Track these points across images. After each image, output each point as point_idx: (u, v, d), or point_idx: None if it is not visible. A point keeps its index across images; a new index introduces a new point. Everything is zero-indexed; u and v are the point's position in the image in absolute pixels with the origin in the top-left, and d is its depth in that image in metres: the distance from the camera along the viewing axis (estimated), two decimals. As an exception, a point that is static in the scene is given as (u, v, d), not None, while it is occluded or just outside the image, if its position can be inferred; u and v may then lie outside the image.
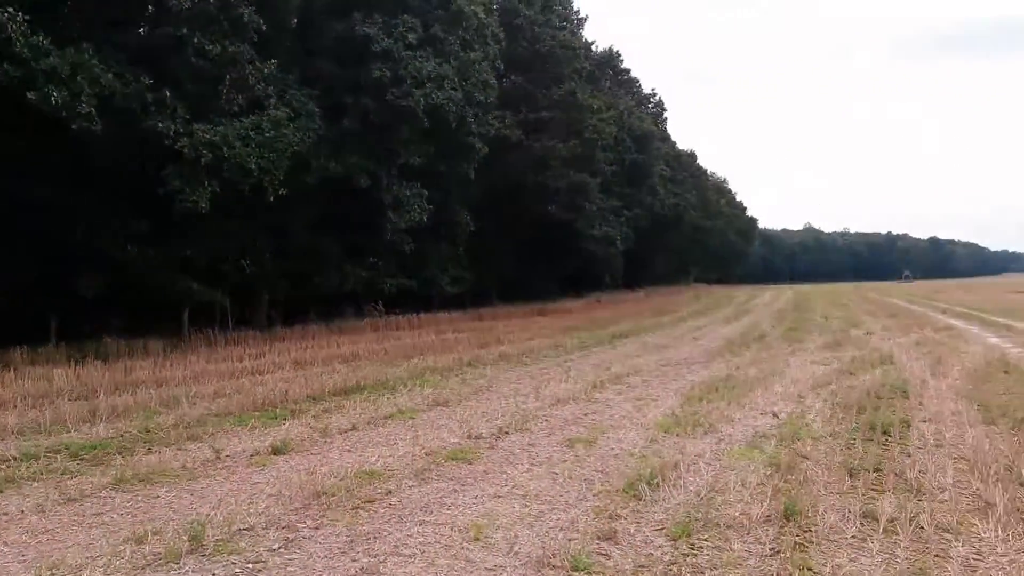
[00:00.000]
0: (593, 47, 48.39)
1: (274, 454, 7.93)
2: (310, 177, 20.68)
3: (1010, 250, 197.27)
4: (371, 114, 22.23)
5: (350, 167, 21.89)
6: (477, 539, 5.38)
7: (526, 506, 6.09)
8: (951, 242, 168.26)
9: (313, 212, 22.75)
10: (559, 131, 35.23)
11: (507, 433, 8.78)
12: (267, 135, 17.13)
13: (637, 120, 50.60)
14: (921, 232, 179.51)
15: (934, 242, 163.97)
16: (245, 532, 5.56)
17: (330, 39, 22.61)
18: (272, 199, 17.79)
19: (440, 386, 12.45)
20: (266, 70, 17.82)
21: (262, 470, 7.37)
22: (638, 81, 60.44)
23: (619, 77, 54.83)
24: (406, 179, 24.48)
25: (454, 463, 7.47)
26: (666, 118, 66.03)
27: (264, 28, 17.72)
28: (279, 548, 5.27)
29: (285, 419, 9.79)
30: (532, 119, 34.07)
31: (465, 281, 32.10)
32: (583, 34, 43.22)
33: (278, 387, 11.68)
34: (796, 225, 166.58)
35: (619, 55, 54.66)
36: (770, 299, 48.79)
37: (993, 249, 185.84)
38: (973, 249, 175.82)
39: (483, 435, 8.63)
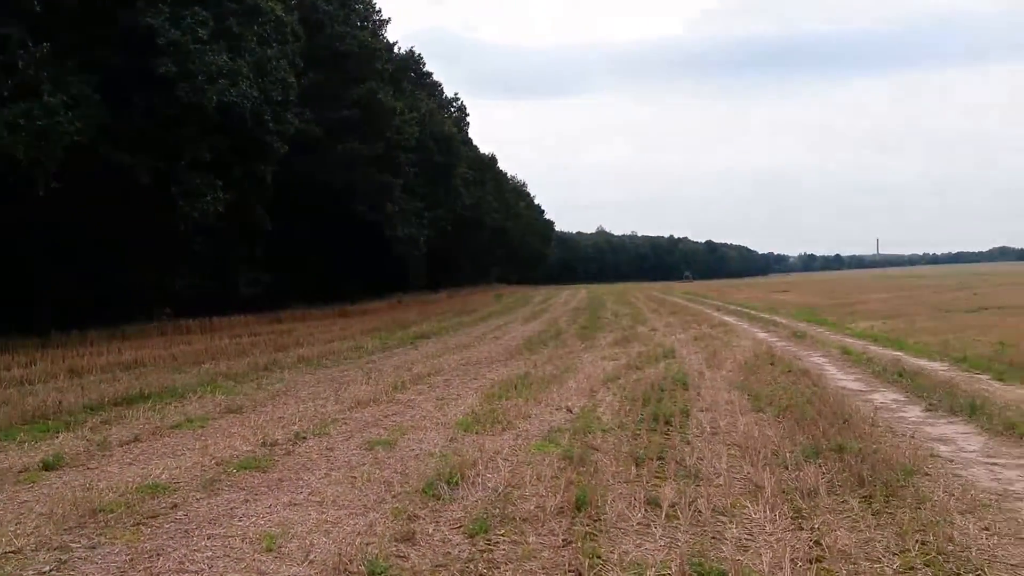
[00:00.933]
0: (396, 48, 48.15)
1: (45, 470, 7.18)
2: (91, 170, 18.89)
3: (775, 252, 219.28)
4: (159, 108, 20.64)
5: (137, 161, 20.21)
6: (270, 550, 5.11)
7: (323, 513, 5.88)
8: (724, 245, 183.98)
9: (96, 207, 20.79)
10: (362, 131, 34.66)
11: (304, 438, 8.46)
12: (39, 123, 15.46)
13: (439, 123, 50.88)
14: (699, 236, 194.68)
15: (710, 245, 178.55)
16: (12, 555, 4.98)
17: (115, 27, 20.73)
18: (42, 193, 16.08)
19: (233, 392, 11.80)
20: (38, 54, 16.07)
21: (31, 487, 6.64)
22: (440, 85, 60.84)
23: (421, 80, 54.83)
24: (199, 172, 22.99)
25: (246, 472, 7.08)
26: (468, 122, 66.95)
27: (38, 9, 15.96)
28: (50, 571, 4.76)
29: (59, 432, 8.87)
30: (334, 119, 33.26)
31: (263, 283, 30.74)
32: (385, 35, 42.91)
33: (51, 397, 10.58)
34: (590, 228, 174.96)
35: (420, 58, 54.72)
36: (566, 298, 50.89)
37: (760, 252, 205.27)
38: (743, 251, 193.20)
39: (279, 441, 8.25)
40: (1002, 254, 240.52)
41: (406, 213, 40.58)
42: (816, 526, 5.26)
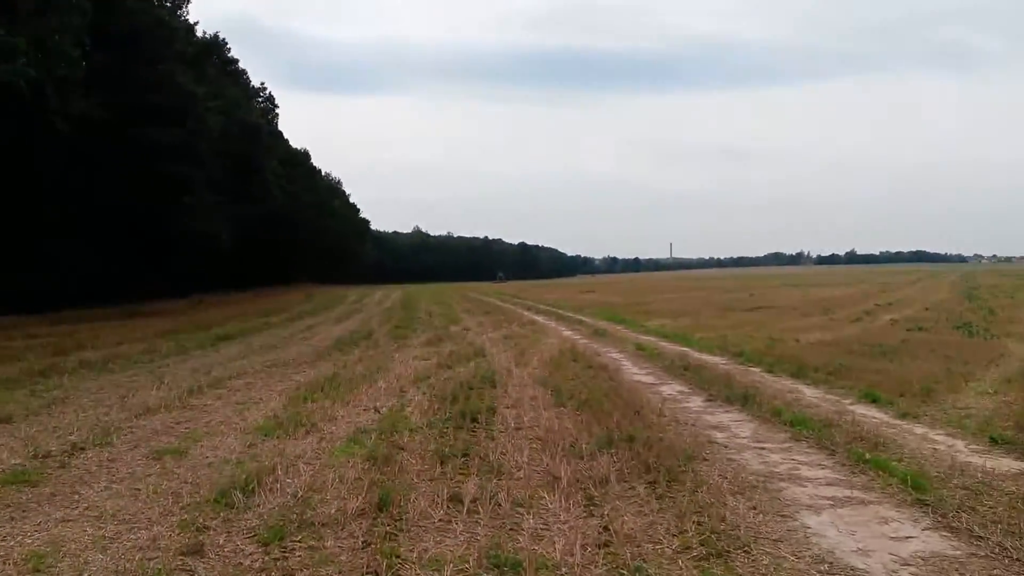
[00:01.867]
0: (199, 31, 45.47)
1: None
2: None
3: (582, 255, 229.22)
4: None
5: None
6: (38, 570, 4.68)
7: (100, 528, 5.44)
8: (536, 247, 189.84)
9: None
10: (160, 117, 32.38)
11: (83, 449, 7.78)
12: None
13: (247, 113, 48.68)
14: (512, 238, 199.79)
15: (523, 246, 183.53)
16: None
17: None
18: None
19: (2, 400, 10.63)
20: None
21: None
22: (246, 73, 58.20)
23: (227, 67, 52.17)
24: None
25: (13, 487, 6.42)
26: (278, 113, 64.59)
27: None
28: None
29: None
30: (129, 103, 30.83)
31: (41, 281, 27.94)
32: (187, 14, 40.41)
33: None
34: (407, 228, 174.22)
35: (226, 43, 52.08)
36: (381, 298, 50.37)
37: (569, 254, 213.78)
38: (554, 254, 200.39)
39: (53, 453, 7.54)
40: (775, 258, 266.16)
41: (208, 207, 38.45)
42: (606, 512, 5.57)
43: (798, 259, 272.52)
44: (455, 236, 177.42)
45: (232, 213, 42.40)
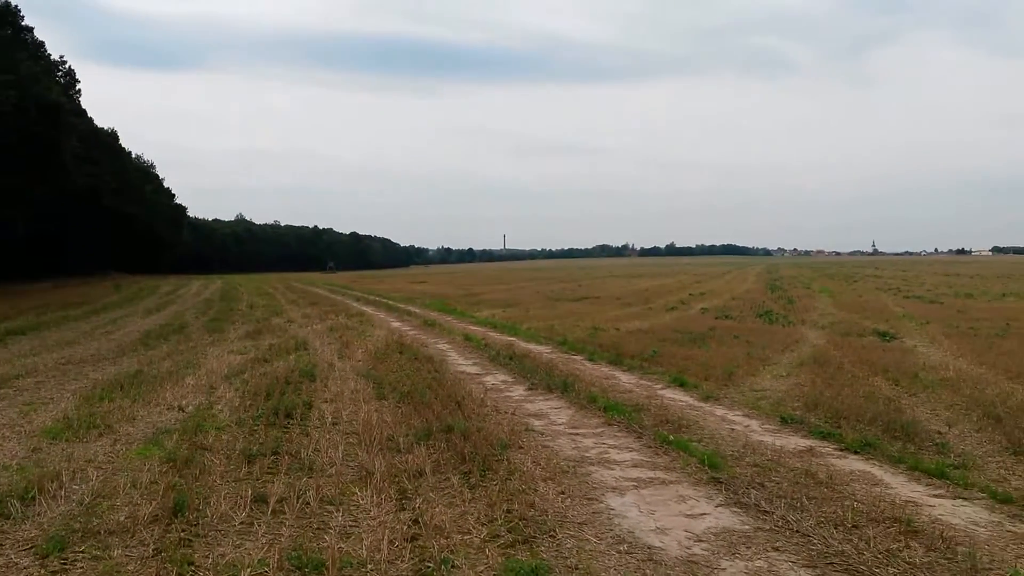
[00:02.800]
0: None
1: None
2: None
3: (415, 245, 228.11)
4: None
5: None
6: None
7: None
8: (369, 237, 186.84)
9: None
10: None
11: None
12: None
13: (44, 89, 44.39)
14: (344, 227, 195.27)
15: (355, 236, 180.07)
16: None
17: None
18: None
19: None
20: None
21: None
22: (44, 45, 53.06)
23: (19, 36, 47.32)
24: None
25: None
26: (80, 90, 59.40)
27: None
28: None
29: None
30: None
31: None
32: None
33: None
34: (229, 216, 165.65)
35: (19, 10, 47.22)
36: (198, 289, 47.66)
37: (402, 244, 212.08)
38: (387, 244, 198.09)
39: None
40: (603, 250, 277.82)
41: (-2, 190, 34.78)
42: (417, 505, 5.49)
43: (623, 251, 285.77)
44: (283, 225, 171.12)
45: (26, 198, 38.55)
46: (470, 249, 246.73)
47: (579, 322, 20.61)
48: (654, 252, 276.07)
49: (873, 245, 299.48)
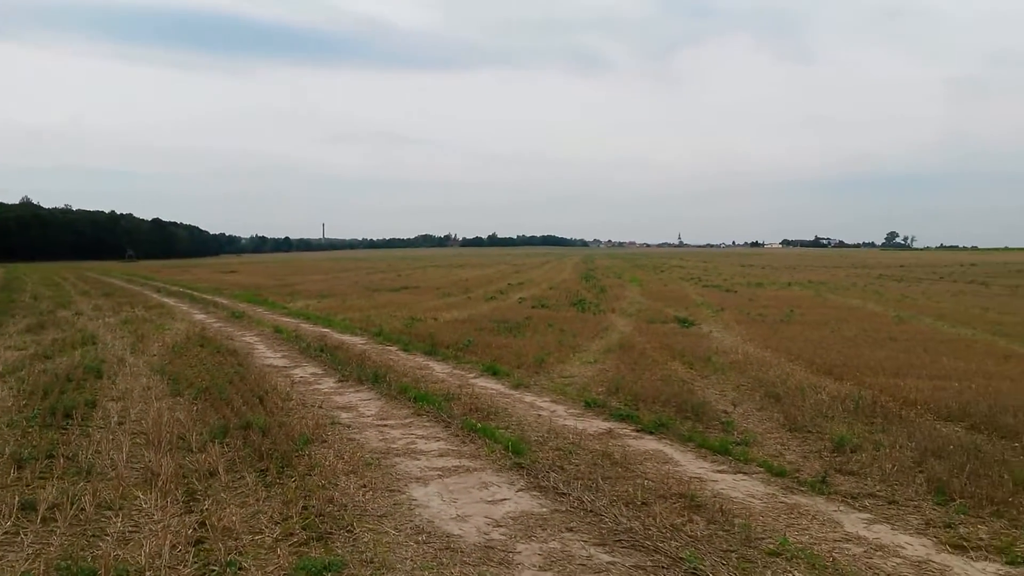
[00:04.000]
0: None
1: None
2: None
3: (227, 234, 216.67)
4: None
5: None
6: None
7: None
8: (174, 224, 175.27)
9: None
10: None
11: None
12: None
13: None
14: (145, 213, 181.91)
15: (157, 223, 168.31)
16: None
17: None
18: None
19: None
20: None
21: None
22: None
23: None
24: None
25: None
26: None
27: None
28: None
29: None
30: None
31: None
32: None
33: None
34: (12, 199, 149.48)
35: None
36: (-27, 280, 42.73)
37: (212, 232, 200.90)
38: (194, 231, 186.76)
39: None
40: (426, 240, 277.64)
41: None
42: (206, 507, 5.17)
43: (446, 241, 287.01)
44: (75, 209, 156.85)
45: None
46: (287, 238, 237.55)
47: (397, 312, 20.42)
48: (476, 243, 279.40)
49: (679, 237, 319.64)
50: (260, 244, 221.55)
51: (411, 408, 8.52)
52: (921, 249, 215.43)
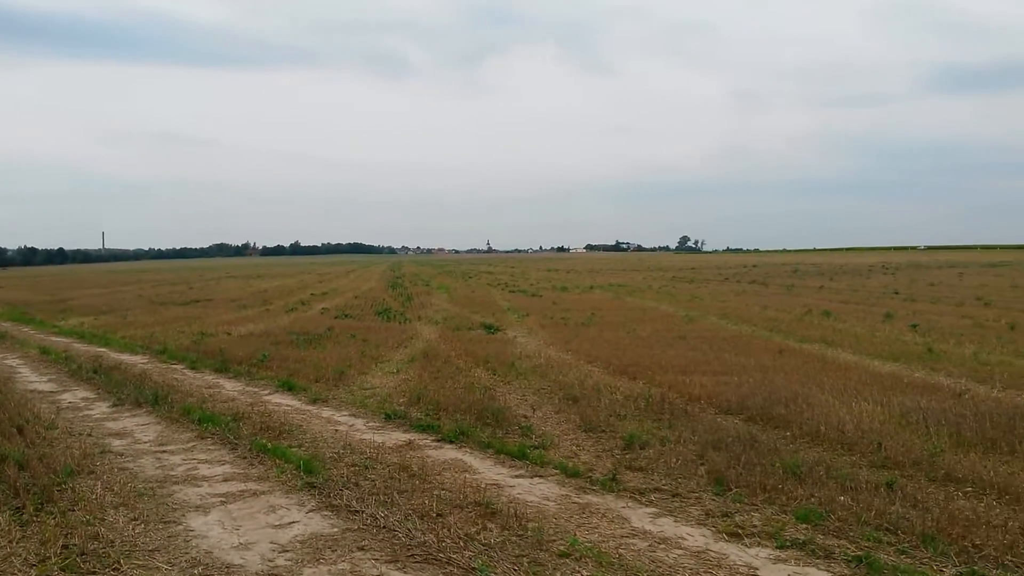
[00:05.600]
0: None
1: None
2: None
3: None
4: None
5: None
6: None
7: None
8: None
9: None
10: None
11: None
12: None
13: None
14: None
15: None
16: None
17: None
18: None
19: None
20: None
21: None
22: None
23: None
24: None
25: None
26: None
27: None
28: None
29: None
30: None
31: None
32: None
33: None
34: None
35: None
36: None
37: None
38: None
39: None
40: (220, 250, 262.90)
41: None
42: (-62, 560, 4.46)
43: (244, 250, 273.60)
44: None
45: None
46: (60, 249, 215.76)
47: (186, 328, 19.09)
48: (278, 251, 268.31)
49: (488, 244, 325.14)
50: (30, 256, 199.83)
51: (195, 431, 7.91)
52: (710, 252, 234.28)
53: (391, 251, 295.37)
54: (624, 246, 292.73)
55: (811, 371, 11.10)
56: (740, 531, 5.04)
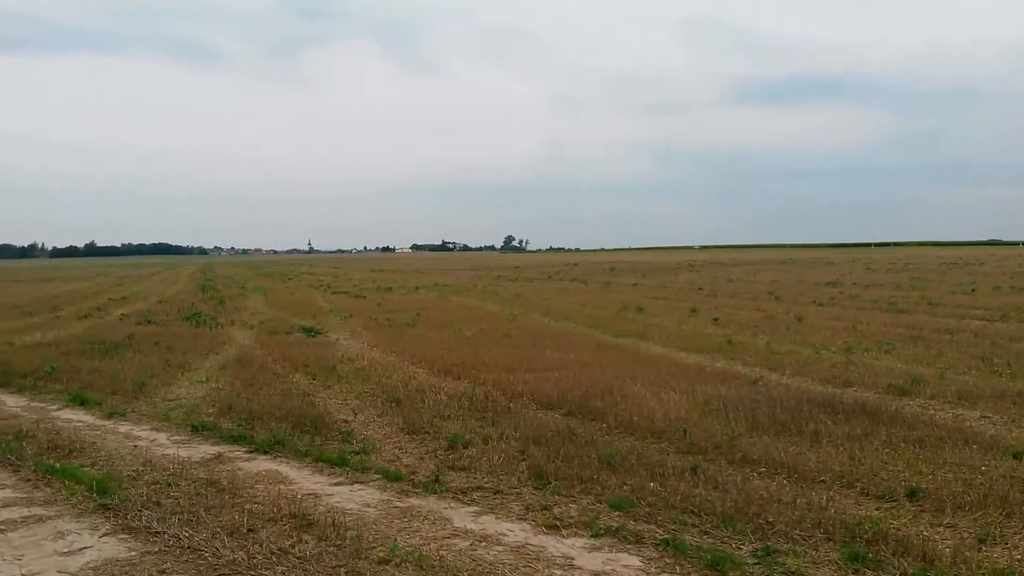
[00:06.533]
0: None
1: None
2: None
3: None
4: None
5: None
6: None
7: None
8: None
9: None
10: None
11: None
12: None
13: None
14: None
15: None
16: None
17: None
18: None
19: None
20: None
21: None
22: None
23: None
24: None
25: None
26: None
27: None
28: None
29: None
30: None
31: None
32: None
33: None
34: None
35: None
36: None
37: None
38: None
39: None
40: (1, 251, 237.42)
41: None
42: None
43: (31, 252, 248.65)
44: None
45: None
46: None
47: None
48: (71, 253, 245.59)
49: (309, 244, 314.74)
50: None
51: (-34, 456, 7.03)
52: (534, 251, 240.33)
53: (202, 251, 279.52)
54: (451, 246, 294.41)
55: (626, 364, 11.62)
56: (558, 523, 5.14)
